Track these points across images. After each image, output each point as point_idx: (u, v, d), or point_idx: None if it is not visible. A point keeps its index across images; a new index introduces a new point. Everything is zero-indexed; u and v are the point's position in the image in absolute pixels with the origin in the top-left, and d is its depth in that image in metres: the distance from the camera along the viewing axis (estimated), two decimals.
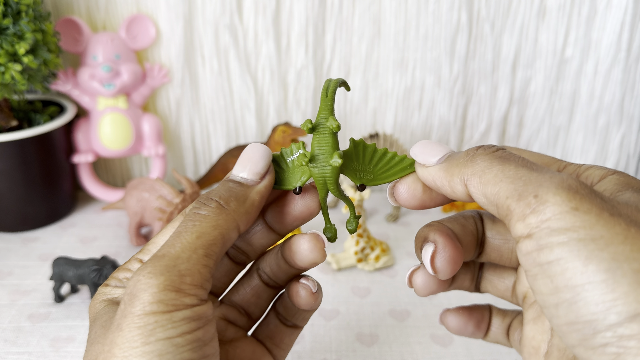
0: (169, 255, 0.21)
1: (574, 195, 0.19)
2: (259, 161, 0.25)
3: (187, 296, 0.21)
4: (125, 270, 0.26)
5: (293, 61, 0.62)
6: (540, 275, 0.19)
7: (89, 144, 0.61)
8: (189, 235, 0.22)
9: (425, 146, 0.25)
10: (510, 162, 0.22)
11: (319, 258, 0.27)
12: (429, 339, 0.42)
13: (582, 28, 0.61)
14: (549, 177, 0.20)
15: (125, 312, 0.21)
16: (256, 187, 0.25)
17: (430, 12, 0.60)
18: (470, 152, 0.23)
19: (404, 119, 0.66)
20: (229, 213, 0.23)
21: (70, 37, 0.58)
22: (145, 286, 0.20)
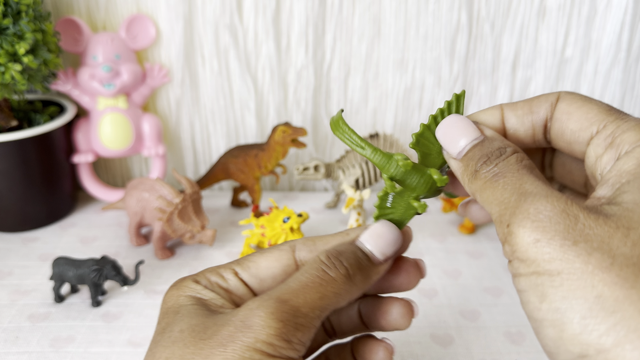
0: (291, 304, 0.22)
1: (537, 226, 0.19)
2: (391, 244, 0.26)
3: (292, 349, 0.22)
4: (217, 275, 0.26)
5: (293, 61, 0.62)
6: (519, 294, 0.20)
7: (89, 144, 0.61)
8: (314, 293, 0.23)
9: (449, 127, 0.25)
10: (501, 181, 0.22)
11: (405, 326, 0.27)
12: (428, 339, 0.42)
13: (582, 28, 0.61)
14: (523, 203, 0.20)
15: (235, 337, 0.21)
16: (380, 268, 0.25)
17: (430, 12, 0.60)
18: (475, 163, 0.23)
19: (404, 119, 0.66)
20: (352, 285, 0.24)
21: (70, 37, 0.58)
22: (264, 323, 0.21)
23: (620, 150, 0.21)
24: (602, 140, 0.22)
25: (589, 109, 0.23)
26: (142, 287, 0.48)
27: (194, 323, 0.23)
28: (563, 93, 0.25)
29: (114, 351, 0.41)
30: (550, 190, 0.21)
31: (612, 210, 0.19)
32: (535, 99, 0.25)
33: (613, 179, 0.21)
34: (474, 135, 0.24)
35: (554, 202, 0.20)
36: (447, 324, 0.44)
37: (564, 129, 0.24)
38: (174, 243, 0.56)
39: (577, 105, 0.24)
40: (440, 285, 0.49)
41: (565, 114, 0.24)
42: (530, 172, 0.22)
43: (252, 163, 0.59)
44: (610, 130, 0.22)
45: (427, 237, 0.57)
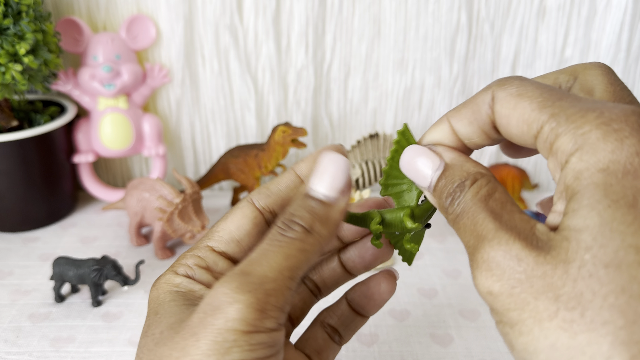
0: (256, 274, 0.21)
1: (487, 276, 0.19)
2: (339, 175, 0.23)
3: (268, 318, 0.20)
4: (194, 257, 0.25)
5: (293, 61, 0.62)
6: None
7: (90, 144, 0.61)
8: (277, 256, 0.21)
9: (409, 163, 0.24)
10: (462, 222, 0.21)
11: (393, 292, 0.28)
12: (428, 339, 0.42)
13: (582, 28, 0.61)
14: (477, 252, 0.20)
15: (205, 322, 0.20)
16: (338, 205, 0.23)
17: (430, 13, 0.60)
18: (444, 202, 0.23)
19: (404, 119, 0.66)
20: (314, 237, 0.23)
21: (70, 38, 0.58)
22: (231, 300, 0.20)
23: (559, 159, 0.19)
24: (542, 146, 0.20)
25: (523, 109, 0.21)
26: (142, 287, 0.48)
27: (172, 321, 0.22)
28: (495, 88, 0.22)
29: (114, 351, 0.41)
30: (498, 228, 0.19)
31: (555, 242, 0.18)
32: (474, 102, 0.23)
33: (559, 193, 0.20)
34: (435, 164, 0.23)
35: (497, 245, 0.19)
36: (447, 323, 0.44)
37: (510, 136, 0.22)
38: (174, 243, 0.56)
39: (510, 106, 0.21)
40: (440, 285, 0.49)
41: (504, 118, 0.22)
42: (485, 205, 0.21)
43: (252, 163, 0.59)
44: (546, 134, 0.20)
45: (427, 237, 0.57)
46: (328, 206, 0.23)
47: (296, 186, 0.26)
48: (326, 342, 0.29)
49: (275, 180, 0.27)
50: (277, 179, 0.27)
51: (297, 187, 0.26)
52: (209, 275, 0.24)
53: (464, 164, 0.23)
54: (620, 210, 0.17)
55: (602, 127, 0.18)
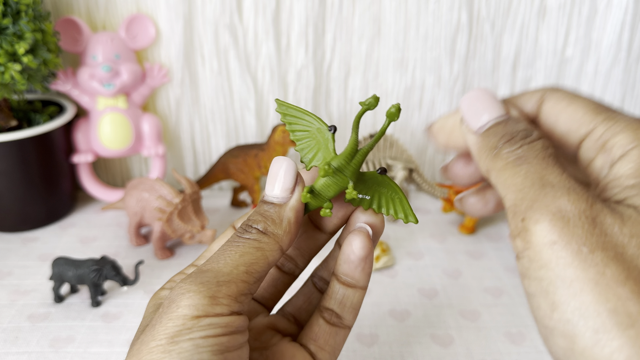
0: (212, 270, 0.23)
1: (555, 225, 0.18)
2: (285, 176, 0.25)
3: (219, 305, 0.22)
4: (181, 274, 0.27)
5: (293, 61, 0.62)
6: (528, 297, 0.20)
7: (89, 144, 0.61)
8: (233, 254, 0.23)
9: (474, 100, 0.24)
10: (523, 166, 0.21)
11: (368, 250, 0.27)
12: (429, 339, 0.42)
13: (583, 28, 0.61)
14: (544, 197, 0.19)
15: (161, 313, 0.22)
16: (289, 204, 0.25)
17: (431, 12, 0.60)
18: (497, 141, 0.22)
19: (404, 119, 0.66)
20: (269, 237, 0.24)
21: (69, 37, 0.58)
22: (184, 291, 0.22)
23: (613, 154, 0.21)
24: (593, 144, 0.22)
25: (576, 109, 0.22)
26: (141, 287, 0.48)
27: (145, 324, 0.24)
28: (549, 91, 0.24)
29: (114, 351, 0.41)
30: (573, 186, 0.19)
31: (629, 213, 0.19)
32: (521, 96, 0.24)
33: (613, 183, 0.20)
34: (500, 112, 0.23)
35: (576, 200, 0.19)
36: (447, 324, 0.44)
37: (552, 131, 0.23)
38: (174, 243, 0.56)
39: (563, 105, 0.23)
40: (441, 286, 0.49)
41: (552, 115, 0.23)
42: (555, 162, 0.21)
43: (252, 163, 0.59)
44: (600, 132, 0.21)
45: (427, 237, 0.57)
46: (279, 207, 0.25)
47: None
48: (321, 327, 0.28)
49: None
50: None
51: None
52: None
53: (529, 124, 0.23)
54: None
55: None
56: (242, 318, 0.23)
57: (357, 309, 0.27)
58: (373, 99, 0.24)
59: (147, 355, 0.21)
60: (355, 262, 0.26)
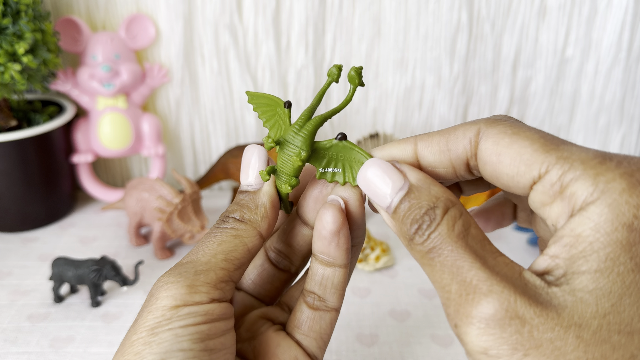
0: (191, 261, 0.23)
1: (483, 334, 0.17)
2: (255, 163, 0.25)
3: (197, 293, 0.22)
4: None
5: (293, 61, 0.62)
6: None
7: (89, 144, 0.61)
8: (211, 244, 0.24)
9: (371, 177, 0.22)
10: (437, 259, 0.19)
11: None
12: (429, 339, 0.42)
13: (583, 28, 0.61)
14: (464, 304, 0.18)
15: (142, 308, 0.22)
16: (262, 190, 0.25)
17: (431, 12, 0.60)
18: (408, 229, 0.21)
19: (404, 118, 0.66)
20: (246, 224, 0.24)
21: (69, 37, 0.58)
22: (162, 284, 0.22)
23: (572, 204, 0.18)
24: (548, 188, 0.19)
25: (521, 148, 0.20)
26: (141, 287, 0.48)
27: None
28: (483, 126, 0.21)
29: (114, 351, 0.41)
30: (492, 278, 0.18)
31: (565, 302, 0.17)
32: (452, 133, 0.22)
33: (567, 239, 0.18)
34: (398, 184, 0.21)
35: (497, 299, 0.17)
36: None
37: (498, 174, 0.21)
38: (174, 243, 0.55)
39: (504, 144, 0.20)
40: None
41: (494, 156, 0.20)
42: (466, 245, 0.19)
43: None
44: (556, 175, 0.19)
45: None
46: (254, 194, 0.25)
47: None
48: (304, 313, 0.26)
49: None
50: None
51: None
52: None
53: (431, 187, 0.21)
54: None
55: (625, 178, 0.17)
56: (223, 305, 0.23)
57: (341, 289, 0.26)
58: (334, 68, 0.23)
59: (129, 349, 0.21)
60: (328, 238, 0.24)
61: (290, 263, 0.28)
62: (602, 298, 0.17)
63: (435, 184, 0.21)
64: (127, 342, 0.21)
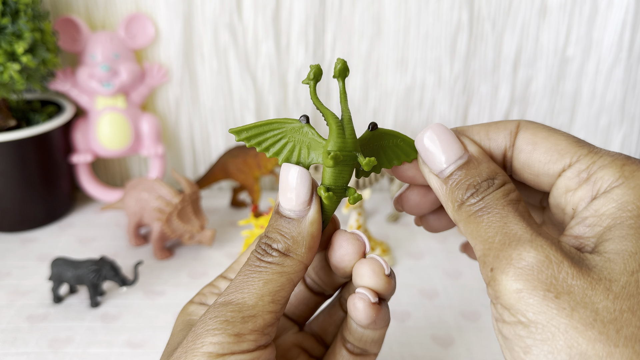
0: (236, 302, 0.22)
1: (520, 274, 0.19)
2: (300, 187, 0.23)
3: (245, 341, 0.21)
4: (210, 286, 0.27)
5: (293, 60, 0.62)
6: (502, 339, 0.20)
7: (88, 144, 0.61)
8: (255, 282, 0.22)
9: (431, 140, 0.23)
10: (485, 217, 0.21)
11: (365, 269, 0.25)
12: (429, 340, 0.42)
13: (584, 27, 0.61)
14: (507, 248, 0.20)
15: (186, 347, 0.22)
16: (308, 218, 0.23)
17: (431, 11, 0.60)
18: (463, 193, 0.22)
19: (404, 118, 0.66)
20: (292, 259, 0.23)
21: (68, 37, 0.58)
22: (210, 327, 0.21)
23: (597, 188, 0.20)
24: (576, 175, 0.21)
25: (557, 140, 0.22)
26: (141, 287, 0.48)
27: (174, 346, 0.23)
28: (523, 122, 0.23)
29: (113, 352, 0.40)
30: (535, 233, 0.20)
31: (595, 261, 0.19)
32: (493, 125, 0.24)
33: (591, 220, 0.20)
34: (458, 152, 0.23)
35: (538, 248, 0.19)
36: (448, 324, 0.44)
37: (532, 160, 0.23)
38: (173, 243, 0.55)
39: (542, 136, 0.22)
40: (441, 286, 0.49)
41: (531, 144, 0.23)
42: (515, 209, 0.21)
43: (252, 163, 0.58)
44: (585, 164, 0.21)
45: (428, 237, 0.57)
46: (297, 221, 0.23)
47: None
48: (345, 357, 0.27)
49: None
50: None
51: None
52: None
53: (490, 162, 0.23)
54: None
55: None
56: (269, 350, 0.22)
57: (380, 341, 0.26)
58: (313, 69, 0.23)
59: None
60: (364, 326, 0.25)
61: (325, 287, 0.28)
62: (628, 258, 0.18)
63: (492, 160, 0.23)
64: None
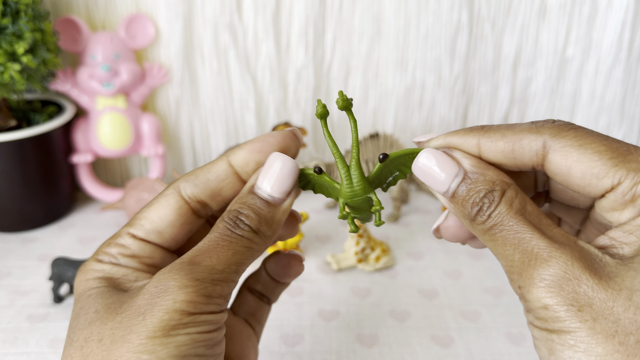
0: (205, 264, 0.22)
1: (544, 292, 0.20)
2: (287, 179, 0.24)
3: (213, 304, 0.22)
4: (118, 245, 0.25)
5: (293, 61, 0.62)
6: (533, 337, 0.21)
7: (88, 144, 0.61)
8: (226, 251, 0.23)
9: (425, 165, 0.24)
10: (499, 234, 0.21)
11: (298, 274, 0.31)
12: (429, 340, 0.42)
13: (583, 27, 0.61)
14: (527, 268, 0.20)
15: (152, 303, 0.21)
16: (282, 206, 0.25)
17: (431, 12, 0.60)
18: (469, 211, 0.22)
19: (404, 118, 0.66)
20: (260, 237, 0.24)
21: (69, 37, 0.58)
22: (180, 284, 0.21)
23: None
24: (620, 197, 0.21)
25: (591, 162, 0.21)
26: None
27: (109, 302, 0.23)
28: (549, 139, 0.22)
29: None
30: (550, 245, 0.20)
31: (617, 270, 0.19)
32: (517, 142, 0.23)
33: (628, 227, 0.20)
34: (453, 171, 0.23)
35: (556, 265, 0.20)
36: (448, 324, 0.44)
37: (569, 184, 0.22)
38: None
39: (574, 159, 0.21)
40: (441, 286, 0.49)
41: (564, 169, 0.22)
42: (524, 219, 0.21)
43: None
44: (628, 186, 0.21)
45: (428, 237, 0.57)
46: (273, 207, 0.24)
47: (227, 177, 0.26)
48: (258, 304, 0.31)
49: (206, 168, 0.26)
50: (208, 167, 0.26)
51: (228, 178, 0.26)
52: (135, 261, 0.25)
53: (485, 172, 0.23)
54: None
55: None
56: (226, 312, 0.23)
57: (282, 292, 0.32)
58: (320, 108, 0.24)
59: (138, 341, 0.21)
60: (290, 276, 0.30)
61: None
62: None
63: (489, 168, 0.23)
64: (133, 336, 0.21)
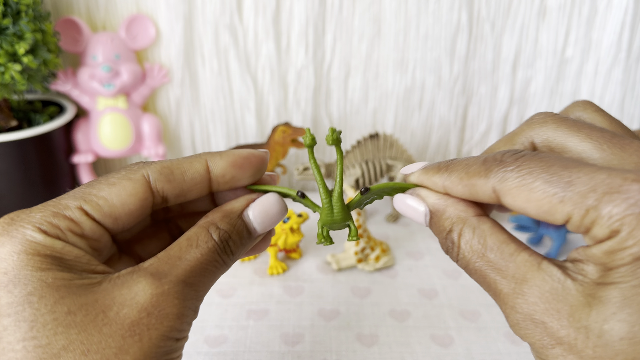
0: (197, 290, 0.23)
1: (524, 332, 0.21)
2: (274, 219, 0.26)
3: (189, 324, 0.23)
4: (67, 219, 0.22)
5: (293, 61, 0.62)
6: None
7: (89, 144, 0.61)
8: (213, 275, 0.24)
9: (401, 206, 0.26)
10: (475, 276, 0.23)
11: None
12: (429, 340, 0.42)
13: (583, 28, 0.61)
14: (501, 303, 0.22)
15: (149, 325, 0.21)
16: (258, 238, 0.27)
17: (431, 12, 0.60)
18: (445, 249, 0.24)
19: (404, 119, 0.66)
20: (231, 259, 0.25)
21: (70, 37, 0.58)
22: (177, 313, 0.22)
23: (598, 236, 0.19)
24: (576, 228, 0.20)
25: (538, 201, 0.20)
26: None
27: (81, 301, 0.20)
28: (497, 185, 0.22)
29: None
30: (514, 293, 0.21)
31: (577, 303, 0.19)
32: (472, 187, 0.23)
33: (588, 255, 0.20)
34: (422, 209, 0.25)
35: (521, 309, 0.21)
36: (447, 324, 0.44)
37: (530, 216, 0.22)
38: None
39: (522, 200, 0.21)
40: (441, 286, 0.49)
41: (518, 208, 0.22)
42: (486, 263, 0.22)
43: None
44: (577, 220, 0.20)
45: (427, 237, 0.57)
46: (252, 238, 0.26)
47: (201, 182, 0.25)
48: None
49: (182, 165, 0.25)
50: (185, 165, 0.25)
51: (201, 183, 0.26)
52: (84, 242, 0.23)
53: (445, 210, 0.24)
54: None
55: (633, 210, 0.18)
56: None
57: None
58: (308, 137, 0.26)
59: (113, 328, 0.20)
60: None
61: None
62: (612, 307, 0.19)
63: (449, 204, 0.24)
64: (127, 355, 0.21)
